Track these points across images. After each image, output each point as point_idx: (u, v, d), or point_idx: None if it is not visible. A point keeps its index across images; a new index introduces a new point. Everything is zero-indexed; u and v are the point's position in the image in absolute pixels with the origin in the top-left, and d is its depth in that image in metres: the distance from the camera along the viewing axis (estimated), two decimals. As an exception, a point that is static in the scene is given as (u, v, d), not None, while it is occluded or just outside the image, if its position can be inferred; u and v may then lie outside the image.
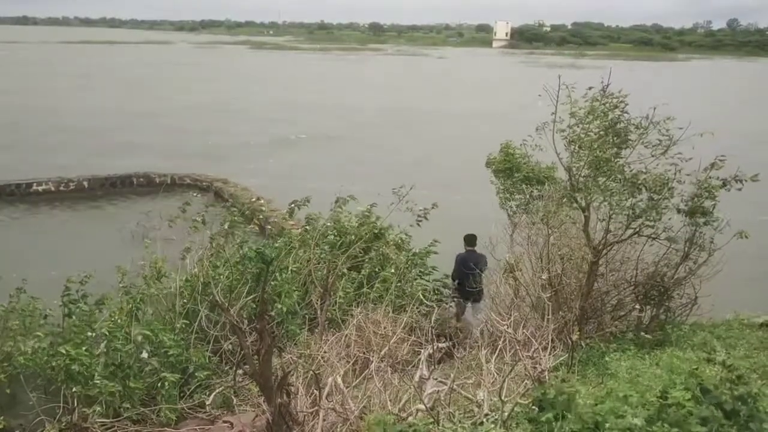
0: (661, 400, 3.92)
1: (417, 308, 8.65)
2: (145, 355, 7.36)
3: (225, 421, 6.95)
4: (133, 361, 7.42)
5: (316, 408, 5.04)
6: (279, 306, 8.51)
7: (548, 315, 6.60)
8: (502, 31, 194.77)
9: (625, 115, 8.04)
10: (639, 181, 7.81)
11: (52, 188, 22.33)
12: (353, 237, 10.38)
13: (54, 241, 17.47)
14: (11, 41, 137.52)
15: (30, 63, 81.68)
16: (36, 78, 62.45)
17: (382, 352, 6.46)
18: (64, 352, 7.18)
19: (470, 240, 11.14)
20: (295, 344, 8.22)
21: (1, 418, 7.33)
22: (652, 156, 7.91)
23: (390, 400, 5.23)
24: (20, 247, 15.86)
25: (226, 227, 10.13)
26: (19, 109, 40.82)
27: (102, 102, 46.18)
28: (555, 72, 8.47)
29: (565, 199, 8.66)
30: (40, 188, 22.18)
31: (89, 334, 7.85)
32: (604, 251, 8.28)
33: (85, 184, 22.78)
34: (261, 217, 15.98)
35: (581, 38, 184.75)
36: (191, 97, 51.20)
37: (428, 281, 10.26)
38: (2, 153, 28.07)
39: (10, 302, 8.77)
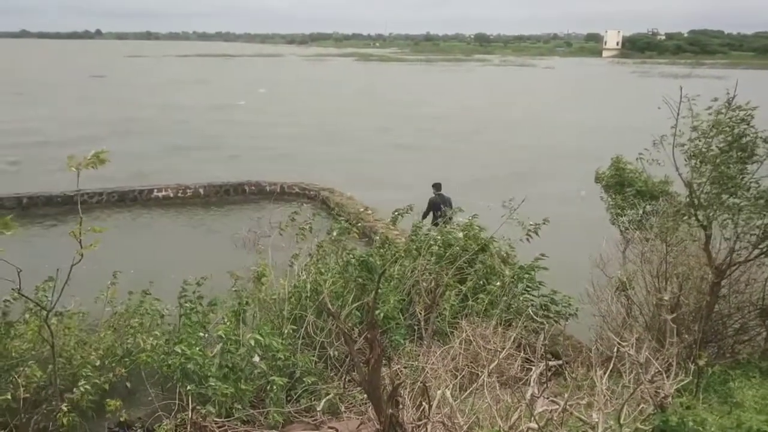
0: (798, 435, 3.64)
1: (524, 324, 8.46)
2: (256, 359, 7.57)
3: (330, 427, 7.04)
4: (245, 364, 7.66)
5: (425, 420, 5.01)
6: (382, 315, 8.58)
7: (670, 337, 6.28)
8: (612, 40, 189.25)
9: (751, 128, 7.59)
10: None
11: (171, 194, 23.47)
12: (458, 248, 10.30)
13: (170, 244, 18.37)
14: (135, 55, 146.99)
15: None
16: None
17: (491, 367, 6.35)
18: (179, 351, 7.52)
19: (437, 186, 15.35)
20: (401, 355, 8.24)
21: (124, 411, 7.79)
22: (783, 172, 7.42)
23: (499, 417, 5.13)
24: (139, 249, 16.73)
25: (334, 235, 10.28)
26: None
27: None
28: (668, 82, 8.09)
29: (685, 216, 8.24)
30: (160, 194, 23.32)
31: (202, 335, 8.20)
32: (728, 272, 7.82)
33: (201, 191, 23.79)
34: (361, 225, 16.15)
35: (698, 46, 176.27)
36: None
37: (536, 296, 9.99)
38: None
39: (130, 300, 9.34)
